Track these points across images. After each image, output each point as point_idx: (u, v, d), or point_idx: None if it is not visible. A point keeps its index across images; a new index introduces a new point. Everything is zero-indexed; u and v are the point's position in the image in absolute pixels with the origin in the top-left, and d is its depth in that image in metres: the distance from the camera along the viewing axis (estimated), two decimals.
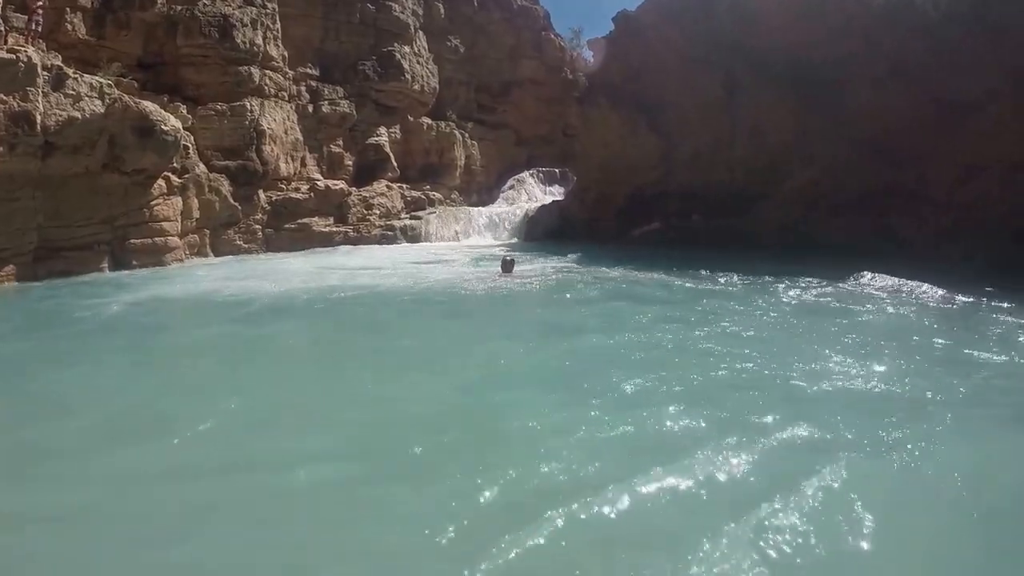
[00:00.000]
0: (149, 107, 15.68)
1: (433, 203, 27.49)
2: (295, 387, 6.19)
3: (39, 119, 13.21)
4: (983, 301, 9.99)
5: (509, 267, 13.77)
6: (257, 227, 20.83)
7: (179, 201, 17.18)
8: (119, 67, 17.58)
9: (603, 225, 23.65)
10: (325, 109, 24.69)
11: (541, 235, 25.06)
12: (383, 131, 27.11)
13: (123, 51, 19.26)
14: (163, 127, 15.58)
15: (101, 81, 14.95)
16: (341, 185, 24.34)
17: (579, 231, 23.86)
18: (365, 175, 26.02)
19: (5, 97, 12.66)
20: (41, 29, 16.08)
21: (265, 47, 22.13)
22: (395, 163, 27.21)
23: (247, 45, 21.23)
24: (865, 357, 6.68)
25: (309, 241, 21.83)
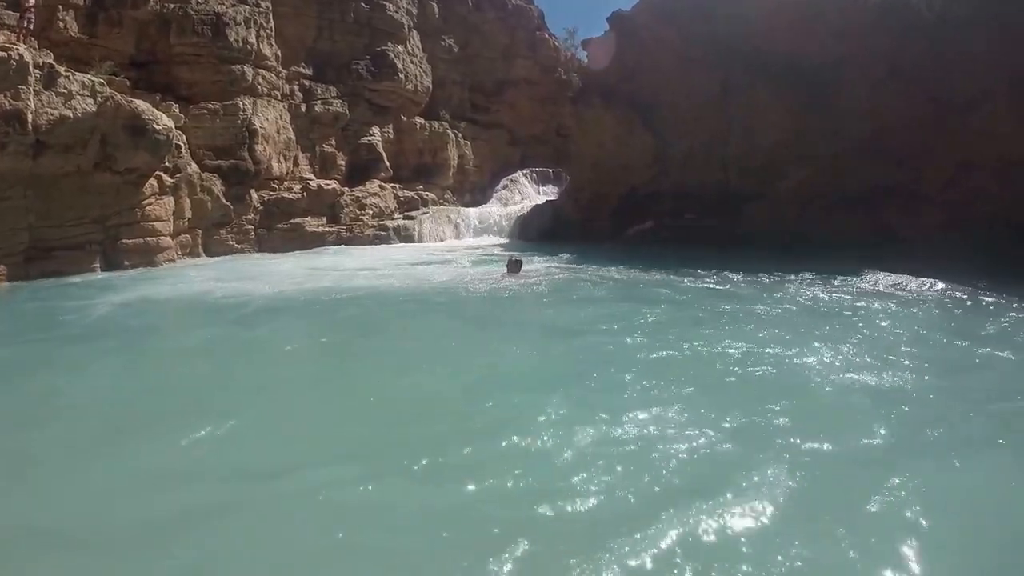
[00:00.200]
0: (141, 106, 15.59)
1: (426, 203, 27.42)
2: (295, 392, 6.11)
3: (30, 118, 13.12)
4: (985, 299, 9.99)
5: (516, 268, 13.30)
6: (249, 227, 20.71)
7: (171, 201, 17.05)
8: (111, 65, 17.44)
9: (597, 225, 23.64)
10: (318, 108, 24.57)
11: (535, 235, 24.99)
12: (376, 131, 27.02)
13: (115, 49, 19.12)
14: (155, 126, 15.48)
15: (93, 79, 14.86)
16: (334, 185, 24.24)
17: (573, 231, 23.82)
18: (358, 175, 25.92)
19: None
20: (33, 27, 15.99)
21: (258, 46, 22.03)
22: (388, 163, 27.13)
23: (240, 44, 21.12)
24: (879, 358, 6.54)
25: (302, 241, 21.71)
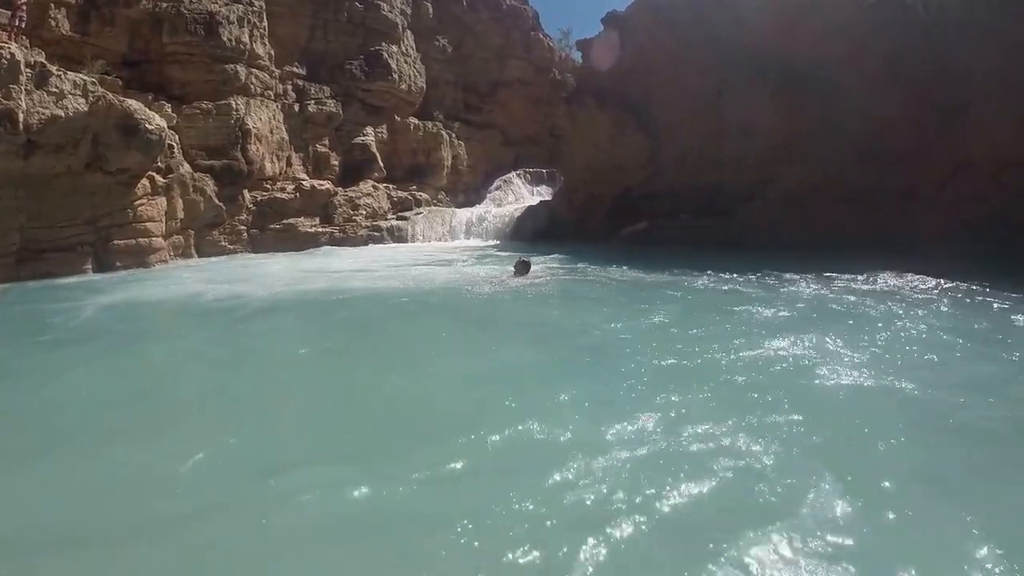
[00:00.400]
0: (133, 105, 15.47)
1: (420, 203, 27.39)
2: (293, 393, 6.04)
3: (21, 117, 13.02)
4: (989, 299, 9.98)
5: (524, 269, 12.78)
6: (242, 228, 20.62)
7: (163, 201, 16.95)
8: (103, 65, 17.36)
9: (591, 226, 23.62)
10: (311, 108, 24.51)
11: (529, 236, 24.94)
12: (370, 131, 26.98)
13: (108, 48, 19.01)
14: (147, 126, 15.37)
15: (85, 79, 14.76)
16: (327, 185, 24.18)
17: (567, 232, 23.79)
18: (351, 175, 25.88)
19: None
20: (24, 25, 15.83)
21: (251, 45, 21.93)
22: (381, 163, 27.10)
23: (233, 43, 21.03)
24: (891, 359, 6.44)
25: (295, 242, 21.63)
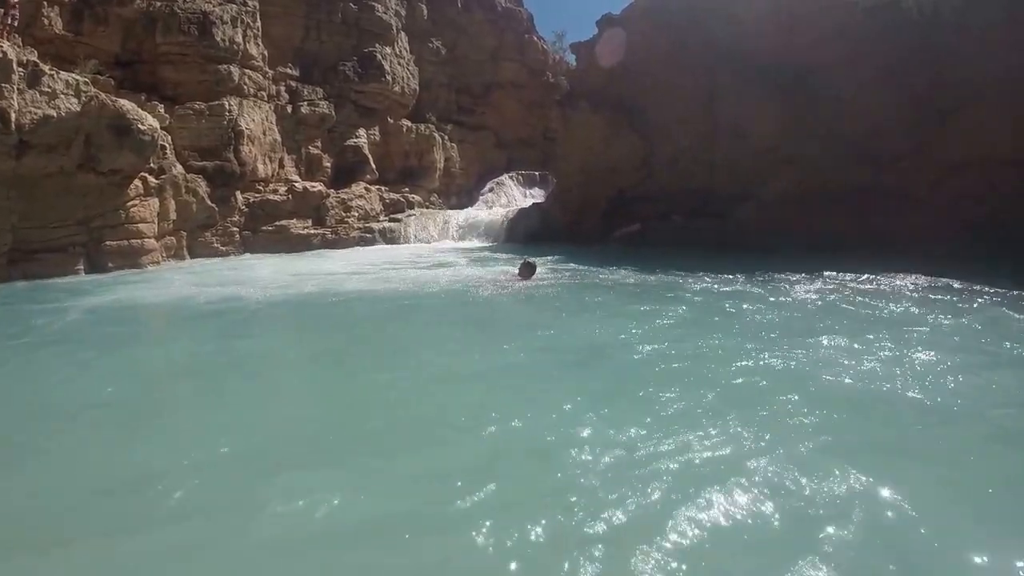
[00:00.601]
0: (126, 106, 15.41)
1: (412, 205, 27.41)
2: (292, 395, 6.02)
3: (13, 117, 12.94)
4: (982, 297, 10.04)
5: (529, 271, 12.54)
6: (234, 229, 20.54)
7: (156, 202, 16.86)
8: (96, 64, 17.24)
9: (585, 227, 23.66)
10: (304, 110, 24.45)
11: (522, 238, 24.97)
12: (362, 133, 26.94)
13: (100, 48, 18.93)
14: (140, 126, 15.31)
15: (77, 78, 14.68)
16: (319, 187, 24.13)
17: (560, 234, 23.84)
18: (343, 177, 25.83)
19: None
20: (17, 23, 15.73)
21: (245, 45, 21.87)
22: (374, 165, 27.08)
23: (226, 43, 20.96)
24: (896, 360, 6.37)
25: (287, 243, 21.59)
